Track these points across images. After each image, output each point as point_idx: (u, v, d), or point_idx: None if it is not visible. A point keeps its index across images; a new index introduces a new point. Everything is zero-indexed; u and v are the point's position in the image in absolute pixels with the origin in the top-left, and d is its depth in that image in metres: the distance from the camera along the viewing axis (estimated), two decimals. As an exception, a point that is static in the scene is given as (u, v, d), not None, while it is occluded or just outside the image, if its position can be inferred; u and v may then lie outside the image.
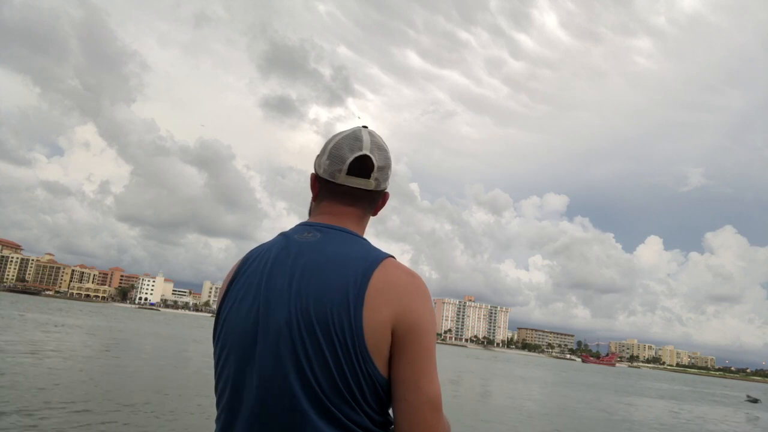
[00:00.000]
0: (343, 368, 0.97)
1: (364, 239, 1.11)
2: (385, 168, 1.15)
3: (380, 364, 0.99)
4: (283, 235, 1.11)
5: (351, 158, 1.10)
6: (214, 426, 1.04)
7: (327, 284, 0.99)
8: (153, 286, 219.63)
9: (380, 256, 1.04)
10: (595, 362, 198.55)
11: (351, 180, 1.11)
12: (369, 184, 1.13)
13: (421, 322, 1.00)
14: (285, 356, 0.98)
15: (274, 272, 1.04)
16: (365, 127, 1.16)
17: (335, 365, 0.96)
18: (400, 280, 1.01)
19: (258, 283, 1.05)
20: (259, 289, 1.04)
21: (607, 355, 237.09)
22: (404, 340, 0.99)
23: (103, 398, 11.82)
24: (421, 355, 0.99)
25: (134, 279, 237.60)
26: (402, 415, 0.99)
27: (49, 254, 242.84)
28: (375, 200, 1.17)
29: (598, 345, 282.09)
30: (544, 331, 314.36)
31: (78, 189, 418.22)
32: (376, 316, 0.97)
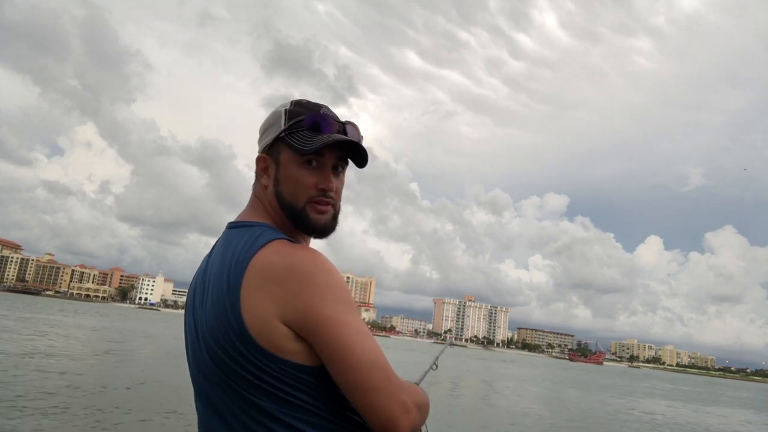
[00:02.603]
0: (256, 374, 0.94)
1: (253, 226, 1.04)
2: (259, 136, 1.13)
3: (299, 358, 0.94)
4: (215, 242, 1.11)
5: None
6: None
7: (212, 298, 0.98)
8: (153, 286, 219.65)
9: (255, 247, 0.97)
10: (583, 361, 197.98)
11: None
12: None
13: (310, 299, 0.93)
14: (210, 369, 0.99)
15: (198, 287, 1.07)
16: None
17: (248, 374, 0.94)
18: (274, 269, 0.94)
19: (192, 297, 1.08)
20: (192, 303, 1.07)
21: (595, 353, 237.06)
22: (304, 326, 0.93)
23: (102, 399, 11.89)
24: (330, 329, 0.92)
25: (134, 279, 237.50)
26: (347, 395, 0.94)
27: (49, 254, 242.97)
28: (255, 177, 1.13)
29: (587, 344, 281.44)
30: (544, 331, 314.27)
31: (78, 189, 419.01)
32: (258, 314, 0.93)
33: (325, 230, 1.07)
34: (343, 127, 1.08)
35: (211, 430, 1.00)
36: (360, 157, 1.09)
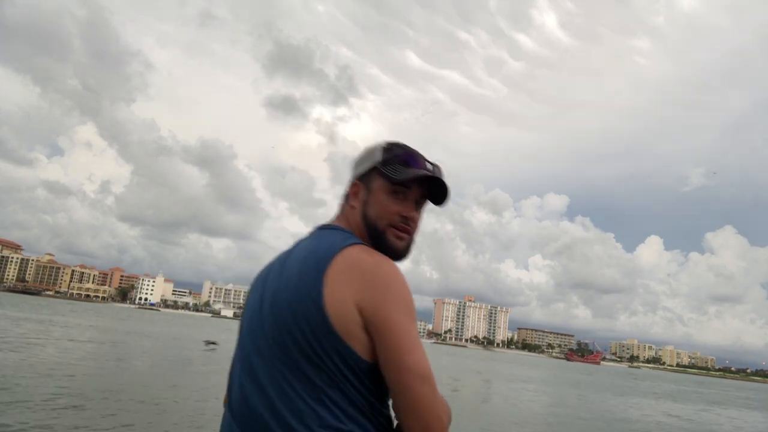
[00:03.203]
0: (316, 349, 1.03)
1: (343, 231, 1.19)
2: (354, 165, 1.28)
3: (357, 346, 1.04)
4: (298, 240, 1.26)
5: None
6: (213, 426, 1.18)
7: (297, 272, 1.10)
8: (153, 286, 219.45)
9: (347, 242, 1.11)
10: (580, 361, 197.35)
11: None
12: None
13: (389, 296, 1.04)
14: (268, 338, 1.09)
15: (274, 271, 1.19)
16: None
17: (308, 347, 1.04)
18: (363, 262, 1.07)
19: (263, 280, 1.21)
20: (263, 284, 1.20)
21: (592, 353, 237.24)
22: (375, 318, 1.03)
23: (103, 399, 11.92)
24: (397, 330, 1.03)
25: (134, 279, 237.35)
26: (394, 394, 1.04)
27: (49, 254, 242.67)
28: (344, 198, 1.28)
29: (587, 344, 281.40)
30: (544, 332, 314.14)
31: (78, 189, 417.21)
32: (337, 294, 1.03)
33: (399, 254, 1.19)
34: (431, 167, 1.23)
35: (247, 401, 1.09)
36: (440, 196, 1.24)
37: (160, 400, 12.45)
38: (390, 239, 1.19)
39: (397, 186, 1.19)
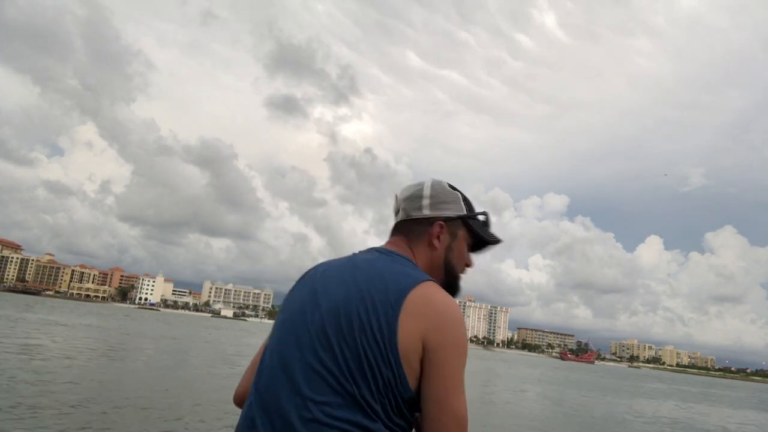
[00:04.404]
0: (372, 363, 1.08)
1: (410, 262, 1.26)
2: (410, 198, 1.34)
3: (409, 375, 1.09)
4: (351, 254, 1.33)
5: (394, 203, 1.41)
6: (216, 428, 1.20)
7: (378, 288, 1.15)
8: (153, 286, 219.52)
9: (422, 278, 1.18)
10: (574, 360, 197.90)
11: (395, 218, 1.39)
12: (398, 216, 1.36)
13: (452, 340, 1.11)
14: (318, 334, 1.14)
15: (331, 275, 1.23)
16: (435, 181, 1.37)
17: (365, 357, 1.08)
18: (439, 302, 1.14)
19: (311, 281, 1.26)
20: (311, 285, 1.24)
21: (587, 353, 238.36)
22: (434, 356, 1.09)
23: (105, 399, 11.91)
24: (450, 373, 1.09)
25: (134, 279, 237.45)
26: (428, 430, 1.09)
27: (49, 254, 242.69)
28: (416, 229, 1.32)
29: (587, 344, 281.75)
30: (544, 331, 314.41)
31: (79, 189, 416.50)
32: (411, 325, 1.09)
33: (457, 295, 1.34)
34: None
35: (276, 387, 1.13)
36: (480, 249, 1.42)
37: (159, 403, 12.43)
38: (459, 283, 1.35)
39: (482, 245, 1.37)
